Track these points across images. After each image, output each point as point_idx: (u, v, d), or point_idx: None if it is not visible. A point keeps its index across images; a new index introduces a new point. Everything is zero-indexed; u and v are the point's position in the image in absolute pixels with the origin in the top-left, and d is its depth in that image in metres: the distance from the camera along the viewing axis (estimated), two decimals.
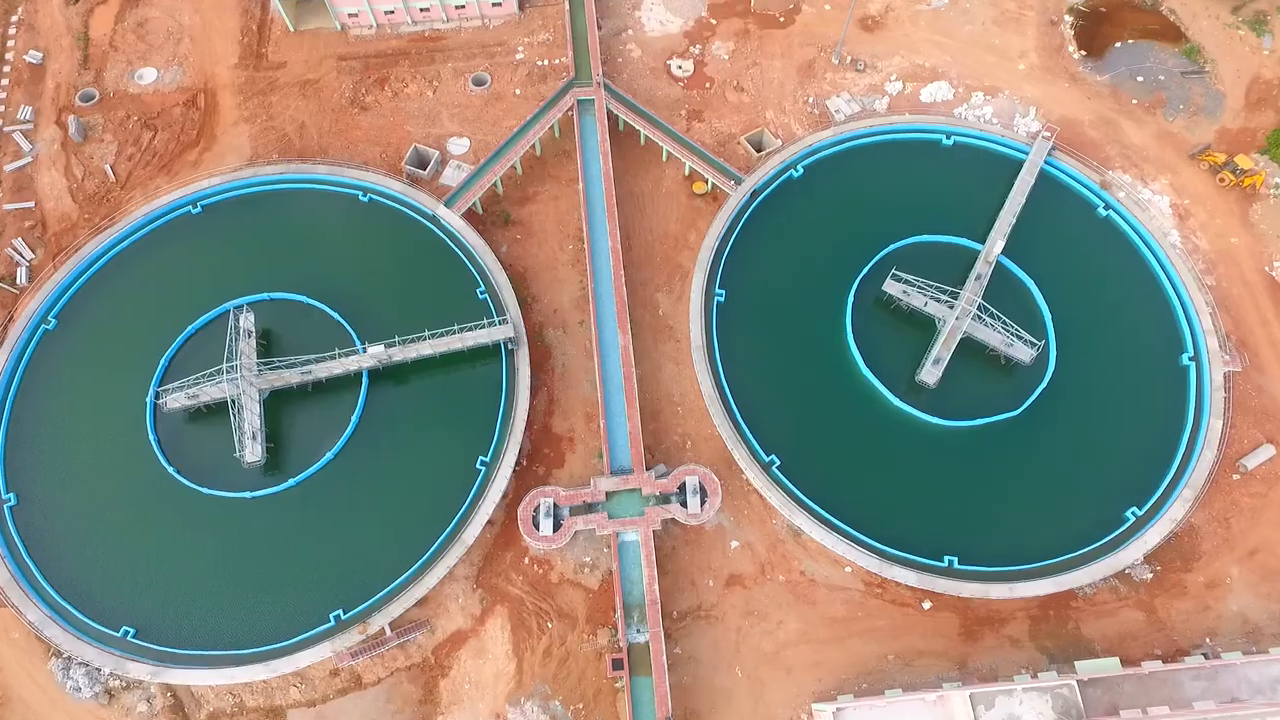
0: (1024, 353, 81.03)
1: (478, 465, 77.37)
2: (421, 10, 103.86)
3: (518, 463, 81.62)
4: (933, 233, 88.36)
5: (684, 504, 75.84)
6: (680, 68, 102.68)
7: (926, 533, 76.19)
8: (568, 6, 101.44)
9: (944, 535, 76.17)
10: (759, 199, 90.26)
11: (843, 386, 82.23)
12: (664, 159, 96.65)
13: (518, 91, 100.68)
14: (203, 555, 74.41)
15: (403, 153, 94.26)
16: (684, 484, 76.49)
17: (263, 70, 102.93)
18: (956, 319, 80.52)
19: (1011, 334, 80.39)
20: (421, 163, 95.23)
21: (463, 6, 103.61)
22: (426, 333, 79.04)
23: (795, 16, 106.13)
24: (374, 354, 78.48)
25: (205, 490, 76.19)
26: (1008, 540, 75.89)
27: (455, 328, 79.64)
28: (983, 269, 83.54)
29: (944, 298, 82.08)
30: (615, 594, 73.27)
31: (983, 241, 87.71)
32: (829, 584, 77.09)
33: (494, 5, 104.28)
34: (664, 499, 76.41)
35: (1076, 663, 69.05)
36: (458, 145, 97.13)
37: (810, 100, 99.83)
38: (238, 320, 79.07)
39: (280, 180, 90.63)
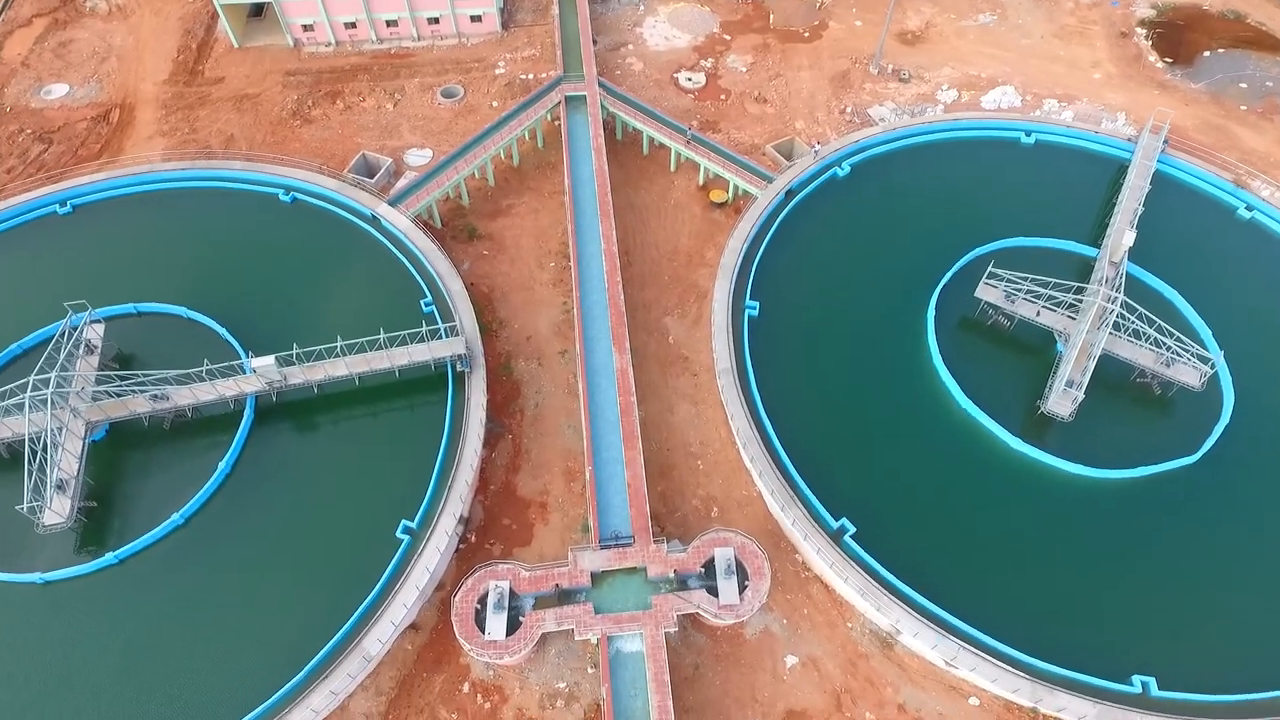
0: (1189, 375, 56.87)
1: (399, 534, 50.90)
2: (388, 25, 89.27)
3: (463, 538, 55.24)
4: (1026, 235, 66.87)
5: (712, 591, 48.74)
6: (690, 80, 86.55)
7: (1096, 639, 48.48)
8: (557, 10, 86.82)
9: (1125, 643, 48.44)
10: (795, 200, 69.69)
11: (933, 423, 57.41)
12: (673, 169, 77.85)
13: (494, 104, 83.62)
14: None
15: (348, 165, 75.25)
16: (711, 561, 49.76)
17: (195, 86, 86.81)
18: (1091, 328, 56.91)
19: (1170, 350, 56.55)
20: (370, 172, 76.12)
21: (437, 21, 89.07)
22: (341, 344, 55.36)
23: (821, 32, 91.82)
24: (262, 371, 54.38)
25: None
26: (1226, 650, 47.96)
27: (382, 336, 56.02)
28: (1110, 269, 60.94)
29: (1062, 308, 59.20)
30: None
31: (1094, 244, 66.24)
32: None
33: (473, 20, 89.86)
34: (681, 584, 49.40)
35: None
36: (418, 157, 78.52)
37: (848, 110, 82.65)
38: (77, 332, 55.61)
39: (180, 178, 70.96)
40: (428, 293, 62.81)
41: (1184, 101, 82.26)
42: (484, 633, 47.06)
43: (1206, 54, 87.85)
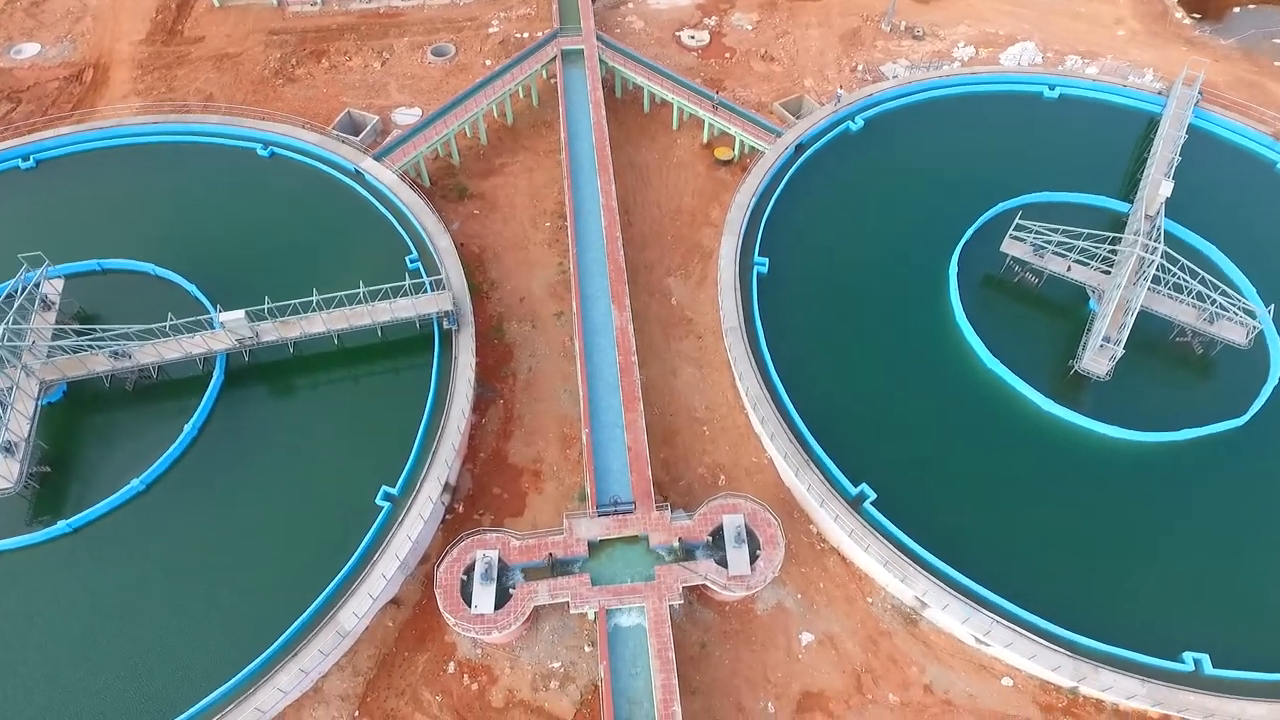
0: (1235, 332, 52.69)
1: (379, 500, 46.64)
2: None
3: (450, 508, 51.02)
4: (1052, 190, 62.68)
5: (721, 561, 44.47)
6: (693, 38, 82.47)
7: (1141, 614, 44.23)
8: None
9: (1174, 618, 44.17)
10: (806, 155, 65.47)
11: (957, 386, 53.17)
12: (675, 126, 73.68)
13: (487, 63, 79.43)
14: None
15: (333, 124, 71.00)
16: (719, 529, 45.50)
17: (173, 45, 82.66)
18: (1128, 283, 52.60)
19: (1214, 305, 52.28)
20: (355, 130, 71.99)
21: None
22: (317, 298, 51.11)
23: None
24: (231, 326, 50.12)
25: None
26: None
27: (362, 289, 51.73)
28: (1145, 223, 56.52)
29: (1095, 263, 54.99)
30: None
31: (1125, 199, 62.09)
32: (977, 708, 43.98)
33: None
34: (687, 554, 45.12)
35: None
36: (406, 116, 74.38)
37: (859, 67, 78.62)
38: (30, 286, 51.34)
39: (151, 132, 66.69)
40: (413, 249, 58.57)
41: (1214, 58, 77.94)
42: (470, 606, 42.78)
43: (1236, 10, 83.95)
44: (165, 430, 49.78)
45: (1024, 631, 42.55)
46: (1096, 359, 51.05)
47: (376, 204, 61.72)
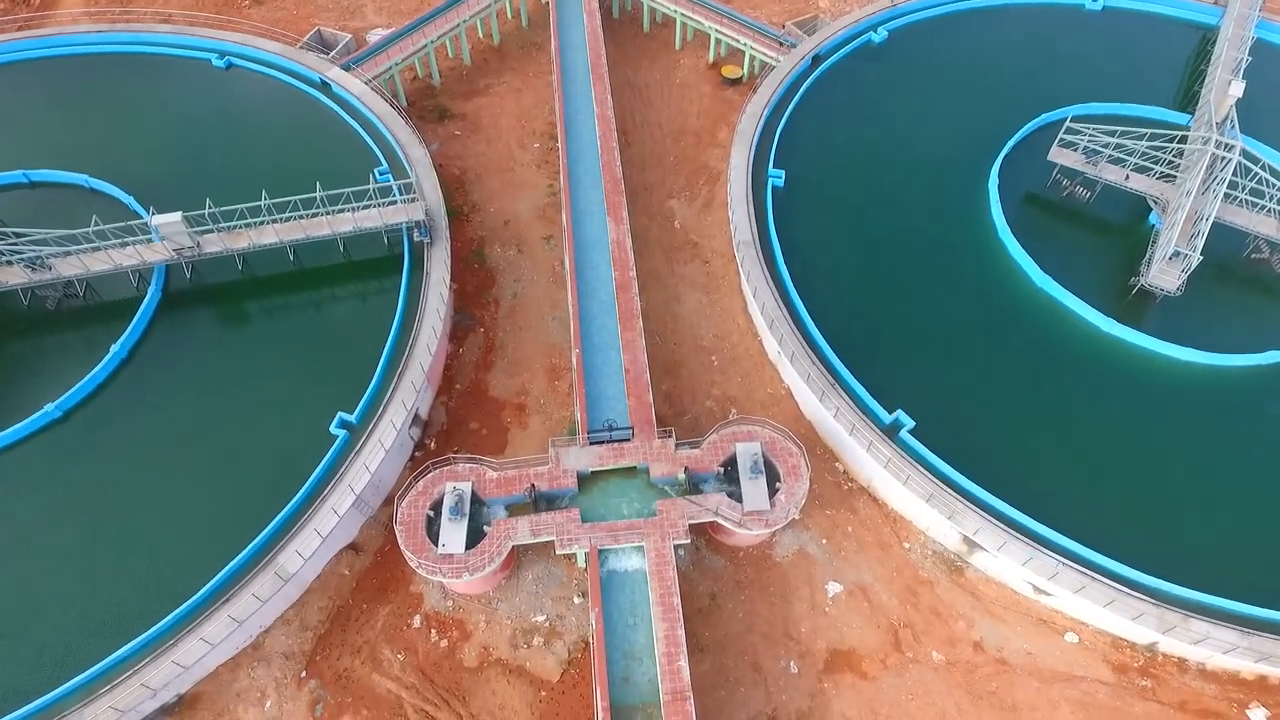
0: None
1: (334, 429, 39.79)
2: None
3: (420, 444, 44.23)
4: (1101, 101, 55.95)
5: (735, 497, 37.64)
6: None
7: (1227, 557, 37.35)
8: None
9: (1271, 561, 37.23)
10: (825, 65, 58.73)
11: (1002, 306, 46.42)
12: (678, 46, 67.03)
13: None
14: None
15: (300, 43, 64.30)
16: (732, 459, 38.67)
17: None
18: (1198, 188, 45.70)
19: None
20: (326, 48, 64.94)
21: None
22: (267, 201, 44.29)
23: None
24: (168, 232, 43.29)
25: None
26: None
27: (320, 193, 44.85)
28: (1206, 127, 49.60)
29: (1159, 167, 48.25)
30: (596, 688, 33.74)
31: (1184, 110, 55.38)
32: (1037, 668, 37.14)
33: None
34: (694, 488, 38.31)
35: None
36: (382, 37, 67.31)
37: None
38: None
39: (97, 42, 59.93)
40: (384, 161, 51.78)
41: None
42: (437, 544, 35.97)
43: None
44: (92, 353, 42.96)
45: (1099, 576, 35.67)
46: (1166, 272, 44.24)
47: (344, 115, 54.98)
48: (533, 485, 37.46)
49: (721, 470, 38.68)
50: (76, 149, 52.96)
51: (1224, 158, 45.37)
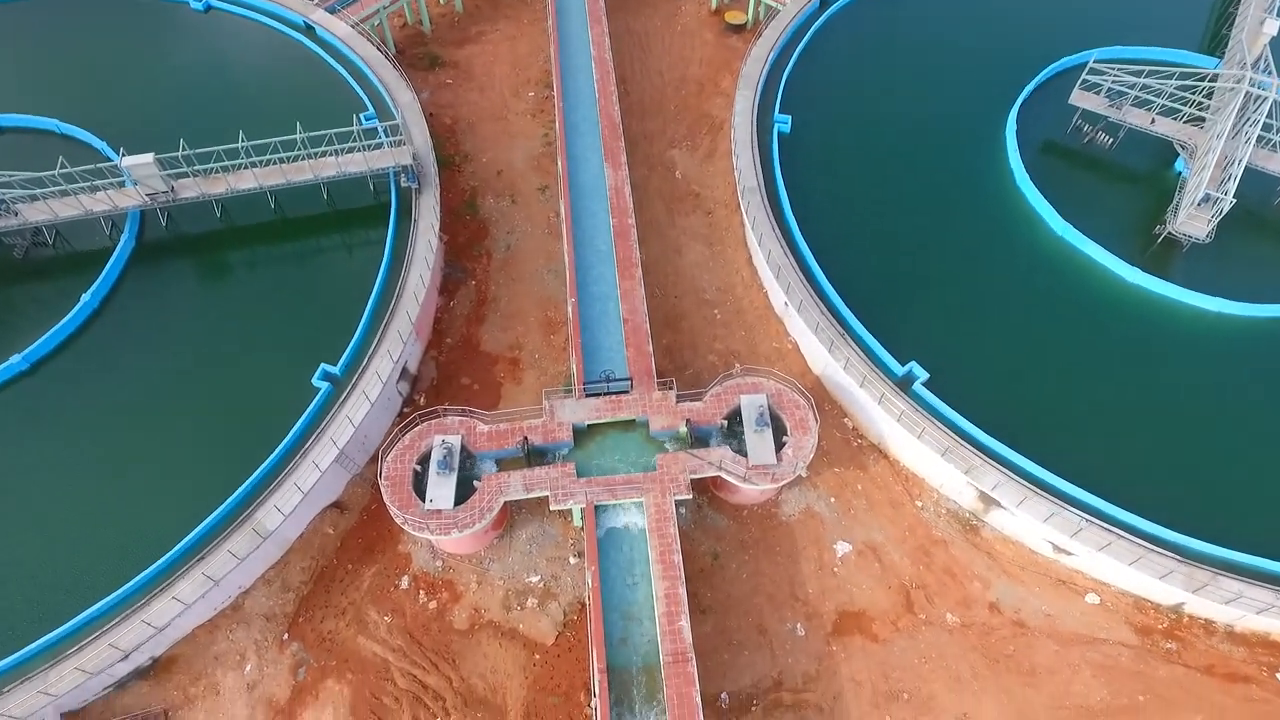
0: None
1: (317, 380, 37.68)
2: None
3: (409, 399, 42.16)
4: (1125, 45, 53.25)
5: (739, 451, 35.59)
6: None
7: (1260, 515, 35.35)
8: None
9: None
10: (833, 8, 55.98)
11: (1020, 254, 44.13)
12: None
13: None
14: None
15: None
16: (737, 412, 36.58)
17: None
18: (1229, 130, 43.12)
19: None
20: None
21: None
22: (244, 144, 41.86)
23: None
24: (141, 175, 40.89)
25: None
26: None
27: (300, 135, 42.35)
28: (1239, 67, 46.89)
29: (1187, 110, 45.71)
30: (592, 651, 31.91)
31: (1213, 54, 52.70)
32: (1056, 630, 35.32)
33: None
34: (696, 442, 36.27)
35: None
36: None
37: None
38: None
39: None
40: (370, 106, 49.24)
41: None
42: (424, 500, 34.01)
43: None
44: (62, 303, 40.78)
45: (1122, 532, 33.72)
46: (1195, 218, 41.88)
47: (329, 59, 52.36)
48: (525, 439, 35.42)
49: (724, 424, 36.62)
50: (48, 94, 50.47)
51: (1258, 96, 42.80)
